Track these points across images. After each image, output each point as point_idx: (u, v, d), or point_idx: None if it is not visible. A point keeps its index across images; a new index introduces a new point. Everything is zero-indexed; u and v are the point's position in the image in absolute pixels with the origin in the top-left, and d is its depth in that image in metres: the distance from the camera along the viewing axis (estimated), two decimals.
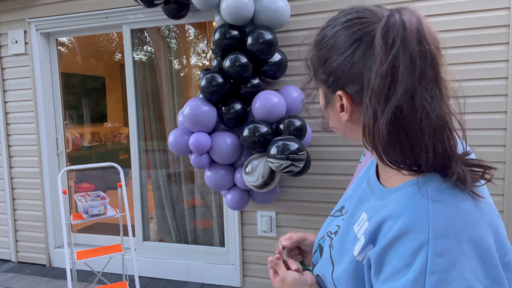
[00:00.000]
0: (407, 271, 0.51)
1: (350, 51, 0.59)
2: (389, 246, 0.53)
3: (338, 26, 0.61)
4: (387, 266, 0.53)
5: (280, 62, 2.31)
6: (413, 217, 0.53)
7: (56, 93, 3.37)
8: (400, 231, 0.53)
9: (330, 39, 0.62)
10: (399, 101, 0.53)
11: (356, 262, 0.61)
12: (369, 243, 0.59)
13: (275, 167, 2.10)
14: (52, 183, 3.34)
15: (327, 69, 0.63)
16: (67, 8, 3.07)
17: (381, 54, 0.54)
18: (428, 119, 0.53)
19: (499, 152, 2.23)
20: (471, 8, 2.20)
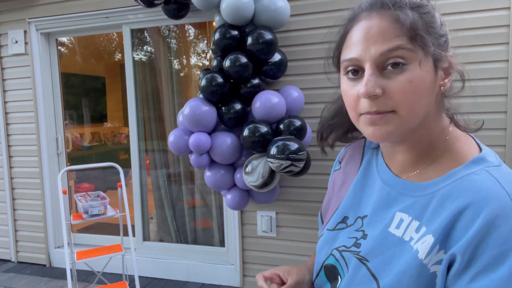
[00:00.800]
0: (507, 258, 0.48)
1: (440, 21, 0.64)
2: (480, 235, 0.50)
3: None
4: (480, 258, 0.49)
5: (280, 62, 2.31)
6: (499, 202, 0.51)
7: (56, 93, 3.37)
8: (489, 219, 0.50)
9: (431, 9, 0.63)
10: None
11: (422, 267, 0.55)
12: (437, 242, 0.54)
13: (275, 167, 2.10)
14: (52, 183, 3.34)
15: (440, 31, 0.63)
16: (67, 8, 3.07)
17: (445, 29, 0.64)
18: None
19: (499, 152, 2.23)
20: (471, 8, 2.20)
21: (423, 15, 0.59)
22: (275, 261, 2.74)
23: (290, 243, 2.70)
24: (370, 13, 0.59)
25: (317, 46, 2.48)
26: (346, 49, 0.62)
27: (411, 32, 0.56)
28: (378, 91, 0.56)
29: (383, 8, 0.58)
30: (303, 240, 2.66)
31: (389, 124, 0.58)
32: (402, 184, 0.64)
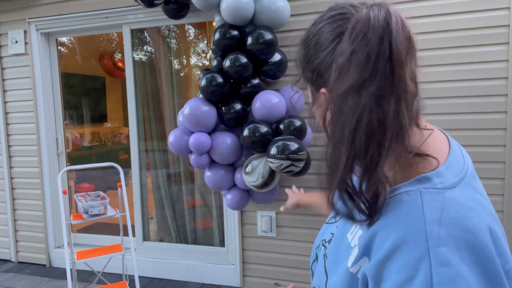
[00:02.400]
0: (411, 285, 0.47)
1: (331, 48, 0.57)
2: (385, 259, 0.50)
3: (322, 23, 0.60)
4: (387, 282, 0.49)
5: (280, 62, 2.31)
6: (407, 227, 0.50)
7: (56, 93, 3.37)
8: (395, 243, 0.49)
9: (314, 37, 0.61)
10: (342, 95, 0.51)
11: (350, 274, 0.57)
12: (363, 255, 0.55)
13: (275, 167, 2.10)
14: (52, 183, 3.34)
15: (311, 66, 0.61)
16: (67, 8, 3.07)
17: (344, 48, 0.52)
18: (367, 118, 0.49)
19: (499, 152, 2.23)
20: (471, 8, 2.20)
21: (300, 51, 0.64)
22: (275, 261, 2.74)
23: (290, 243, 2.70)
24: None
25: None
26: None
27: (297, 69, 0.67)
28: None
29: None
30: (303, 240, 2.66)
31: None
32: None
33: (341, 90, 0.51)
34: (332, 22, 0.58)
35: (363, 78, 0.49)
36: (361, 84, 0.49)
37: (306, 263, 2.66)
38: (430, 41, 2.27)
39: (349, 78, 0.50)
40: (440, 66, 2.27)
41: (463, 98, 2.26)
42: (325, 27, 0.59)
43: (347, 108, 0.50)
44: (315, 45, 0.60)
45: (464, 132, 2.27)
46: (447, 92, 2.28)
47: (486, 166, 2.26)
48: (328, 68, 0.57)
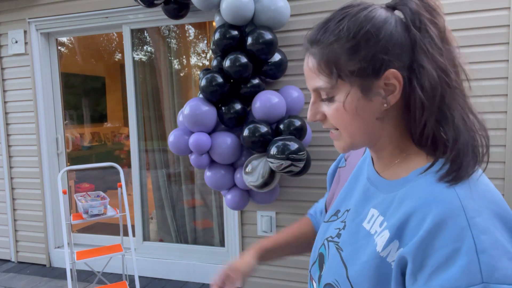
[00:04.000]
0: (458, 256, 0.50)
1: (389, 28, 0.59)
2: (429, 237, 0.52)
3: (358, 13, 0.61)
4: (432, 258, 0.52)
5: (280, 62, 2.31)
6: (445, 204, 0.53)
7: (56, 93, 3.37)
8: (437, 220, 0.52)
9: (357, 26, 0.60)
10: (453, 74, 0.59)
11: (380, 259, 0.59)
12: (394, 238, 0.57)
13: (275, 167, 2.10)
14: (52, 183, 3.34)
15: (365, 53, 0.59)
16: (67, 8, 3.07)
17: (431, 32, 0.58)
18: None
19: (499, 152, 2.23)
20: (471, 8, 2.20)
21: (337, 48, 0.61)
22: (275, 261, 2.74)
23: None
24: (305, 51, 0.68)
25: None
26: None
27: (327, 70, 0.62)
28: (318, 117, 0.66)
29: (310, 46, 0.66)
30: None
31: (340, 140, 0.66)
32: (379, 181, 0.68)
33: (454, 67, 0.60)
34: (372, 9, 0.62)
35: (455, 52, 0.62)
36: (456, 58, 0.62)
37: (306, 263, 2.66)
38: None
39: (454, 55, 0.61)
40: None
41: None
42: (369, 13, 0.61)
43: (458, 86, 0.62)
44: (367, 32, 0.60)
45: None
46: None
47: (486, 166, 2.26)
48: (393, 47, 0.59)
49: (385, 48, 0.59)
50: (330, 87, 0.62)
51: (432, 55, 0.58)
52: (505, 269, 0.49)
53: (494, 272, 0.48)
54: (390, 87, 0.60)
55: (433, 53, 0.58)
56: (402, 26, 0.60)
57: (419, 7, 0.60)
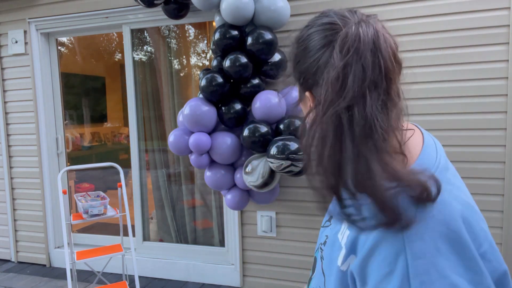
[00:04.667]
0: (390, 279, 0.51)
1: (317, 55, 0.59)
2: (367, 256, 0.54)
3: (313, 28, 0.62)
4: (370, 277, 0.53)
5: (280, 62, 2.31)
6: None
7: (56, 93, 3.37)
8: (376, 240, 0.53)
9: (305, 40, 0.62)
10: (346, 103, 0.53)
11: (341, 273, 0.60)
12: (350, 253, 0.59)
13: (275, 167, 2.10)
14: (52, 183, 3.34)
15: (300, 68, 0.63)
16: (67, 8, 3.07)
17: (335, 61, 0.54)
18: (375, 128, 0.53)
19: (499, 152, 2.23)
20: (471, 8, 2.20)
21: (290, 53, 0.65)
22: (275, 261, 2.74)
23: (290, 243, 2.70)
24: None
25: None
26: None
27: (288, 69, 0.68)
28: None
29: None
30: (303, 240, 2.66)
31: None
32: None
33: (346, 99, 0.52)
34: (323, 30, 0.60)
35: (363, 90, 0.52)
36: (362, 95, 0.52)
37: (306, 263, 2.66)
38: (431, 41, 2.27)
39: (349, 89, 0.52)
40: (440, 66, 2.27)
41: (463, 98, 2.26)
42: (315, 34, 0.61)
43: (348, 118, 0.53)
44: (304, 49, 0.62)
45: (464, 132, 2.27)
46: (447, 92, 2.28)
47: (486, 166, 2.26)
48: (314, 75, 0.60)
49: (307, 71, 0.64)
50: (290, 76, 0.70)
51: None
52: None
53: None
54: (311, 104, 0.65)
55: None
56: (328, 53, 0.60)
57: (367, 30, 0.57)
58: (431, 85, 2.30)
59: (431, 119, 2.32)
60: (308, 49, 0.61)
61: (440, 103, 2.30)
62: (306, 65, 0.61)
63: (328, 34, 0.59)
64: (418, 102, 2.33)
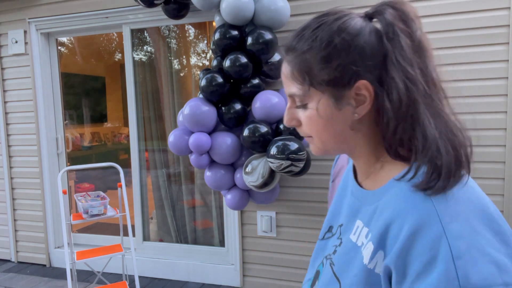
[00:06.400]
0: (435, 264, 0.50)
1: (362, 39, 0.60)
2: (406, 246, 0.53)
3: (333, 23, 0.61)
4: (411, 267, 0.52)
5: (280, 62, 2.31)
6: (419, 212, 0.54)
7: (56, 93, 3.37)
8: (412, 229, 0.53)
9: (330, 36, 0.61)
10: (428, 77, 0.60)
11: (368, 271, 0.59)
12: (378, 249, 0.58)
13: (275, 167, 2.10)
14: (52, 183, 3.34)
15: (338, 63, 0.60)
16: (67, 8, 3.07)
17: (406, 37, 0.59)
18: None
19: (499, 152, 2.23)
20: (471, 8, 2.20)
21: (310, 57, 0.62)
22: (275, 261, 2.74)
23: (290, 243, 2.70)
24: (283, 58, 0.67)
25: None
26: None
27: (300, 78, 0.63)
28: (294, 123, 0.67)
29: (286, 53, 0.66)
30: (303, 240, 2.66)
31: (314, 145, 0.68)
32: (361, 193, 0.68)
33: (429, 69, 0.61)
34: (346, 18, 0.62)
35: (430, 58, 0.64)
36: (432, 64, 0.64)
37: (306, 263, 2.66)
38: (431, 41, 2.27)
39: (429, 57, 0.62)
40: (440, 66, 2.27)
41: (463, 98, 2.26)
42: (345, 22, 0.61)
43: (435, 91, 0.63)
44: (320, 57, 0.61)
45: None
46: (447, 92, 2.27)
47: (486, 166, 2.26)
48: (365, 59, 0.59)
49: (356, 59, 0.59)
50: (303, 94, 0.63)
51: (402, 66, 0.58)
52: (481, 273, 0.49)
53: (470, 277, 0.49)
54: (361, 97, 0.61)
55: (403, 65, 0.58)
56: (376, 37, 0.60)
57: (394, 17, 0.60)
58: None
59: None
60: (348, 37, 0.60)
61: None
62: (351, 57, 0.59)
63: (360, 17, 0.63)
64: None
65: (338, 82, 0.61)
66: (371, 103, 0.60)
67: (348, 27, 0.60)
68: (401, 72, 0.58)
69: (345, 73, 0.60)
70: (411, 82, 0.58)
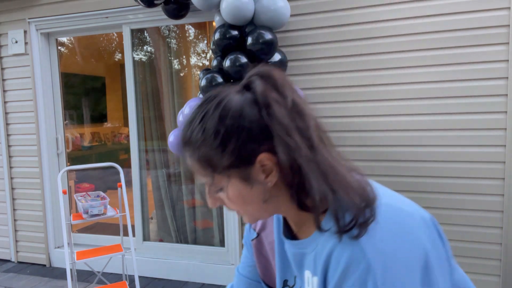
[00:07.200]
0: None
1: (246, 117, 0.61)
2: (342, 280, 0.57)
3: (216, 111, 0.63)
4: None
5: (280, 62, 2.31)
6: (350, 250, 0.56)
7: (56, 93, 3.37)
8: (347, 262, 0.56)
9: (218, 124, 0.62)
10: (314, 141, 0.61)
11: None
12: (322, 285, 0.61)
13: None
14: (52, 183, 3.34)
15: (233, 147, 0.61)
16: (67, 8, 3.07)
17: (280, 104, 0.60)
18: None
19: (499, 152, 2.23)
20: (471, 8, 2.20)
21: (205, 149, 0.64)
22: None
23: None
24: (182, 151, 0.70)
25: (317, 46, 2.48)
26: None
27: (203, 169, 0.65)
28: (218, 203, 0.69)
29: (183, 147, 0.69)
30: None
31: (245, 217, 0.69)
32: (299, 243, 0.70)
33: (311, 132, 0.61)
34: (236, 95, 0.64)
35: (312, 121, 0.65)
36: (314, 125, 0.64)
37: None
38: (430, 41, 2.27)
39: (308, 119, 0.62)
40: (440, 66, 2.27)
41: (463, 98, 2.26)
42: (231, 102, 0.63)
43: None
44: (232, 126, 0.61)
45: (464, 132, 2.27)
46: (447, 92, 2.28)
47: (486, 166, 2.26)
48: (258, 133, 0.61)
49: (248, 138, 0.61)
50: (212, 182, 0.65)
51: (281, 137, 0.59)
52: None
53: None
54: (267, 167, 0.62)
55: (281, 135, 0.59)
56: (257, 110, 0.61)
57: (264, 88, 0.61)
58: (431, 85, 2.30)
59: (431, 119, 2.32)
60: (241, 117, 0.61)
61: (440, 103, 2.30)
62: (243, 137, 0.61)
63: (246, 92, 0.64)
64: (418, 102, 2.33)
65: (239, 163, 0.62)
66: (278, 169, 0.62)
67: (229, 112, 0.61)
68: (282, 142, 0.60)
69: (242, 154, 0.61)
70: (292, 150, 0.59)
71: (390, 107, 2.38)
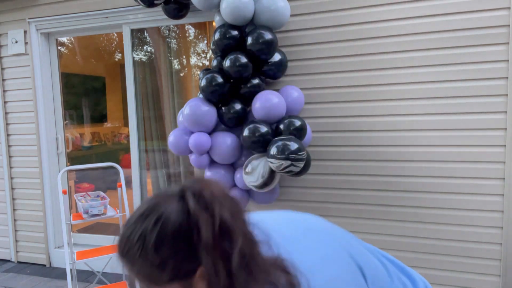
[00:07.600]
0: None
1: (184, 234, 0.63)
2: None
3: (153, 230, 0.63)
4: None
5: (280, 62, 2.31)
6: None
7: (56, 93, 3.37)
8: None
9: (157, 243, 0.63)
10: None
11: None
12: None
13: (275, 167, 2.10)
14: (52, 183, 3.34)
15: (172, 265, 0.63)
16: (67, 8, 3.07)
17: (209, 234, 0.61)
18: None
19: (499, 152, 2.23)
20: (471, 8, 2.20)
21: (146, 266, 0.65)
22: None
23: None
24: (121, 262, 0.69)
25: (317, 46, 2.48)
26: None
27: (146, 282, 0.66)
28: None
29: (121, 257, 0.68)
30: None
31: None
32: None
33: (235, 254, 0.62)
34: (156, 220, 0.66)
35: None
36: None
37: None
38: (430, 41, 2.27)
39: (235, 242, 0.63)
40: (440, 66, 2.27)
41: (463, 98, 2.26)
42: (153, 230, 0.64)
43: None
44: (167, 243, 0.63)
45: (464, 132, 2.27)
46: (447, 92, 2.28)
47: (486, 166, 2.26)
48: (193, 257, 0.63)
49: (185, 256, 0.62)
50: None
51: (206, 262, 0.61)
52: None
53: None
54: (210, 275, 0.63)
55: (206, 261, 0.61)
56: (191, 230, 0.63)
57: (195, 207, 0.63)
58: (431, 85, 2.30)
59: (431, 119, 2.32)
60: (167, 240, 0.62)
61: (440, 103, 2.30)
62: (182, 253, 0.62)
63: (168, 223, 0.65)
64: (418, 102, 2.33)
65: (181, 277, 0.64)
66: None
67: (167, 231, 0.63)
68: (206, 267, 0.61)
69: (183, 269, 0.63)
70: (212, 278, 0.61)
71: (390, 107, 2.38)
